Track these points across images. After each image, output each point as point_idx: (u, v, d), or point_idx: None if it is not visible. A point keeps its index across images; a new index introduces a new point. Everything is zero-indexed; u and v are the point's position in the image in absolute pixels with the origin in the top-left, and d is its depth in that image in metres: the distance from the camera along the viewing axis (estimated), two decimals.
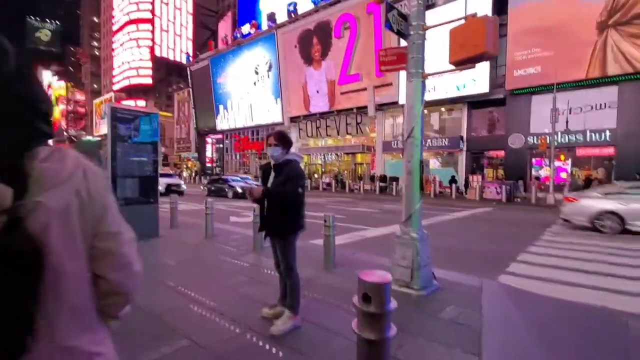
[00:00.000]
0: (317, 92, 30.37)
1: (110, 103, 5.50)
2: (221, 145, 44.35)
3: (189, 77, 45.57)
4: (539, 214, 13.04)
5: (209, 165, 46.18)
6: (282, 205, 2.80)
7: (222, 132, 42.58)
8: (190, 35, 54.21)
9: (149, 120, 6.49)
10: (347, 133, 29.10)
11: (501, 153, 21.70)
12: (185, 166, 49.52)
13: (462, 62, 3.52)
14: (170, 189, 17.27)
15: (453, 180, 19.74)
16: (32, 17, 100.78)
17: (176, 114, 51.40)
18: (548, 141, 17.00)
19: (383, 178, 24.34)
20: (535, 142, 19.51)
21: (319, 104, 30.30)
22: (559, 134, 18.31)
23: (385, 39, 24.56)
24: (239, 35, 37.49)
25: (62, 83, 76.25)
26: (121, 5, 55.07)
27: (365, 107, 26.47)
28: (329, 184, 27.62)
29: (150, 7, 50.97)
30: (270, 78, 34.74)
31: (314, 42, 29.90)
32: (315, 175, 32.02)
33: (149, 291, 3.81)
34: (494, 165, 22.57)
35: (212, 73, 41.09)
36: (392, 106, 25.53)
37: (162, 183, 15.22)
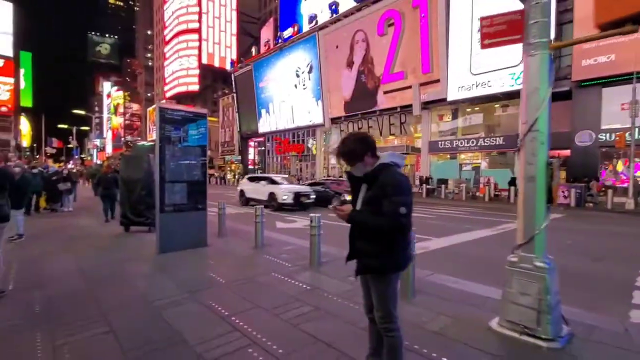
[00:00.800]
0: (360, 92, 29.34)
1: (158, 103, 4.94)
2: (263, 148, 44.69)
3: (233, 83, 46.44)
4: (623, 221, 11.12)
5: (251, 167, 46.83)
6: (378, 233, 1.95)
7: (263, 135, 42.87)
8: (234, 43, 55.38)
9: (197, 122, 5.95)
10: (391, 134, 27.77)
11: (565, 152, 19.37)
12: (228, 169, 50.61)
13: (618, 23, 2.46)
14: (299, 200, 13.02)
15: (512, 182, 17.81)
16: (93, 32, 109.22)
17: (221, 119, 52.77)
18: (627, 137, 14.72)
19: (426, 180, 22.81)
20: (609, 138, 17.11)
21: (361, 104, 29.27)
22: (637, 129, 15.85)
23: (432, 32, 23.04)
24: (280, 39, 37.43)
25: (120, 93, 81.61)
26: (171, 18, 57.63)
27: (410, 105, 25.05)
28: None
29: (197, 17, 52.77)
30: (311, 80, 34.26)
31: (355, 41, 28.92)
32: None
33: (199, 320, 3.13)
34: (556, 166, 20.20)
35: (255, 78, 41.47)
36: (439, 104, 23.90)
37: (289, 191, 13.06)
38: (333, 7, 30.88)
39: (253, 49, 43.54)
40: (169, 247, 5.74)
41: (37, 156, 62.90)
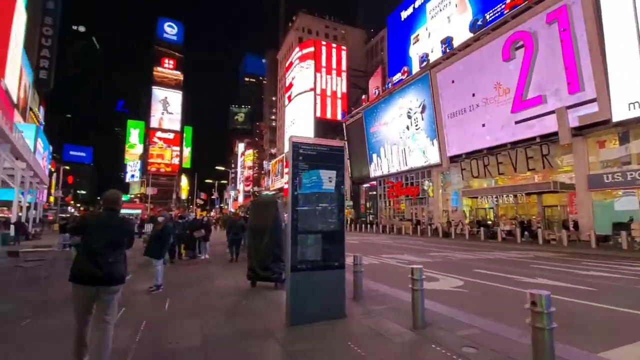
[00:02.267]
0: (483, 125, 25.73)
1: (293, 136, 3.75)
2: (374, 192, 43.21)
3: (344, 132, 47.59)
4: None
5: (362, 212, 45.60)
6: None
7: (375, 179, 41.58)
8: (344, 96, 57.93)
9: (334, 157, 4.68)
10: (529, 169, 22.85)
11: None
12: None
13: None
14: None
15: None
16: (233, 105, 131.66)
17: None
18: None
19: (574, 225, 17.18)
20: None
21: (486, 138, 25.45)
22: None
23: (577, 45, 18.76)
24: (390, 84, 36.98)
25: (250, 151, 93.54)
26: (291, 82, 64.64)
27: (553, 134, 20.33)
28: (509, 233, 21.71)
29: (312, 79, 57.58)
30: (425, 120, 32.09)
31: (474, 72, 26.04)
32: (489, 222, 26.21)
33: None
34: None
35: (365, 124, 41.50)
36: (598, 128, 18.65)
37: None
38: (446, 43, 29.02)
39: (364, 97, 44.25)
40: (301, 317, 4.31)
41: (191, 206, 75.24)
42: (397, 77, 36.41)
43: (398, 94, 35.82)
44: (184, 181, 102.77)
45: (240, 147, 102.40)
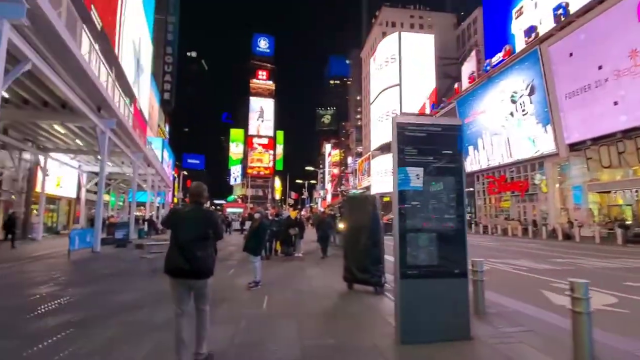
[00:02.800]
0: (616, 103, 20.63)
1: (395, 116, 2.98)
2: (472, 189, 38.88)
3: None
4: None
5: None
6: None
7: (471, 174, 37.39)
8: (433, 86, 53.97)
9: (448, 139, 3.73)
10: None
11: None
12: None
13: None
14: None
15: None
16: (319, 108, 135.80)
17: None
18: None
19: None
20: None
21: (620, 119, 20.34)
22: None
23: None
24: (488, 67, 32.79)
25: (337, 151, 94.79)
26: (375, 79, 63.13)
27: None
28: None
29: (397, 73, 55.11)
30: (534, 103, 27.42)
31: (600, 41, 21.05)
32: (628, 222, 20.87)
33: None
34: None
35: (459, 115, 37.67)
36: None
37: None
38: (561, 9, 24.26)
39: (456, 85, 40.41)
40: (414, 335, 3.49)
41: (283, 205, 80.00)
42: (497, 58, 32.03)
43: (498, 77, 31.51)
44: (277, 182, 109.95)
45: (327, 147, 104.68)
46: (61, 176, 22.07)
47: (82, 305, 5.18)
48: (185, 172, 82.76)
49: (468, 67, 40.54)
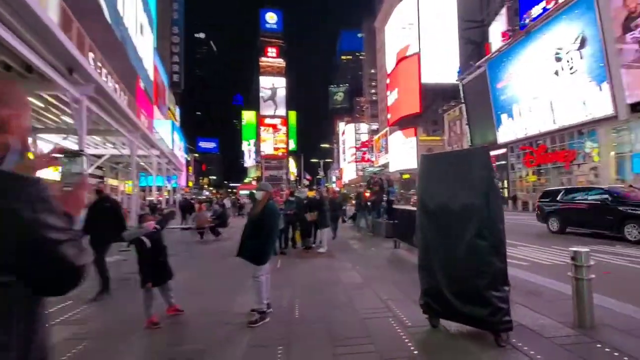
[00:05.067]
0: None
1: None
2: (504, 162, 35.08)
3: (460, 92, 39.99)
4: None
5: None
6: None
7: (505, 145, 33.50)
8: (456, 53, 49.17)
9: None
10: None
11: None
12: None
13: None
14: None
15: None
16: (332, 85, 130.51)
17: (447, 136, 46.92)
18: None
19: None
20: None
21: None
22: None
23: None
24: (527, 20, 28.32)
25: (351, 126, 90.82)
26: (392, 49, 58.33)
27: None
28: None
29: (417, 40, 50.43)
30: (584, 59, 23.22)
31: None
32: None
33: None
34: None
35: (490, 79, 33.45)
36: None
37: None
38: None
39: (488, 43, 35.92)
40: None
41: (299, 186, 77.77)
42: (537, 9, 27.53)
43: (538, 32, 27.10)
44: (292, 163, 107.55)
45: (341, 126, 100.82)
46: None
47: None
48: (196, 155, 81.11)
49: (497, 27, 35.86)
